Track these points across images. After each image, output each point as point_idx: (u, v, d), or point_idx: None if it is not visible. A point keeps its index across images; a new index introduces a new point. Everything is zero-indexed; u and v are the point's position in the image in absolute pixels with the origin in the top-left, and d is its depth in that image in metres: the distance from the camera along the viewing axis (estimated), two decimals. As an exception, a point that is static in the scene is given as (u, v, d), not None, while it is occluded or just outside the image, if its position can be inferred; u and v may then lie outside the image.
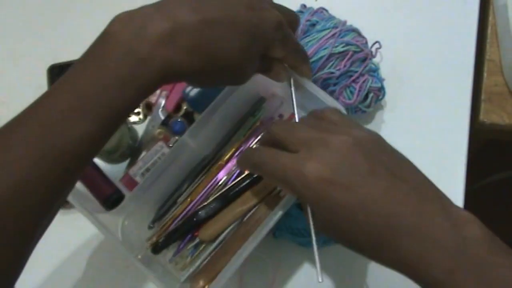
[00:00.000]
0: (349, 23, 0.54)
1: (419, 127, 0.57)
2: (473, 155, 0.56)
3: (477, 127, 0.62)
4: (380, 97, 0.54)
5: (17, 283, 0.36)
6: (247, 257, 0.43)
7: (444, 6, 0.61)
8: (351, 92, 0.52)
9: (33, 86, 0.65)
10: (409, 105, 0.58)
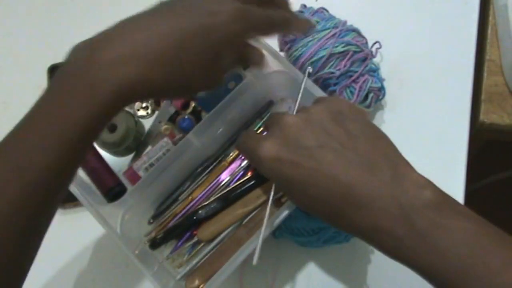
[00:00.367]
0: (349, 23, 0.54)
1: (419, 127, 0.57)
2: (473, 155, 0.56)
3: (477, 127, 0.62)
4: (380, 97, 0.54)
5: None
6: (246, 257, 0.43)
7: (444, 6, 0.61)
8: (351, 92, 0.52)
9: (33, 86, 0.64)
10: (409, 105, 0.58)
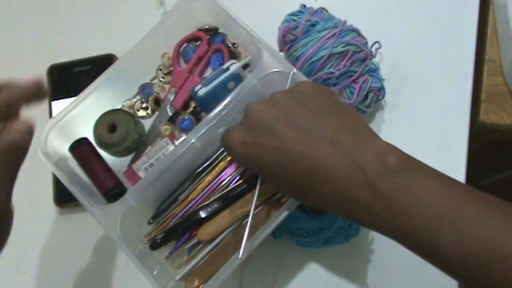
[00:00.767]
0: (349, 23, 0.54)
1: (419, 127, 0.57)
2: (473, 155, 0.56)
3: (477, 127, 0.62)
4: (380, 97, 0.54)
5: (17, 284, 0.36)
6: (247, 257, 0.43)
7: (444, 6, 0.61)
8: (351, 92, 0.52)
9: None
10: (409, 105, 0.58)
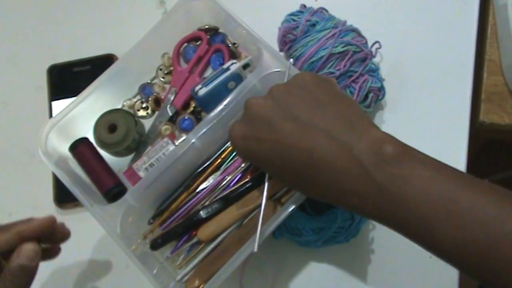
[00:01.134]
0: (349, 23, 0.54)
1: (419, 127, 0.57)
2: (473, 155, 0.56)
3: (477, 127, 0.62)
4: (380, 97, 0.54)
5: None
6: (247, 257, 0.43)
7: (444, 6, 0.61)
8: (351, 92, 0.52)
9: (32, 86, 0.65)
10: (409, 105, 0.58)
